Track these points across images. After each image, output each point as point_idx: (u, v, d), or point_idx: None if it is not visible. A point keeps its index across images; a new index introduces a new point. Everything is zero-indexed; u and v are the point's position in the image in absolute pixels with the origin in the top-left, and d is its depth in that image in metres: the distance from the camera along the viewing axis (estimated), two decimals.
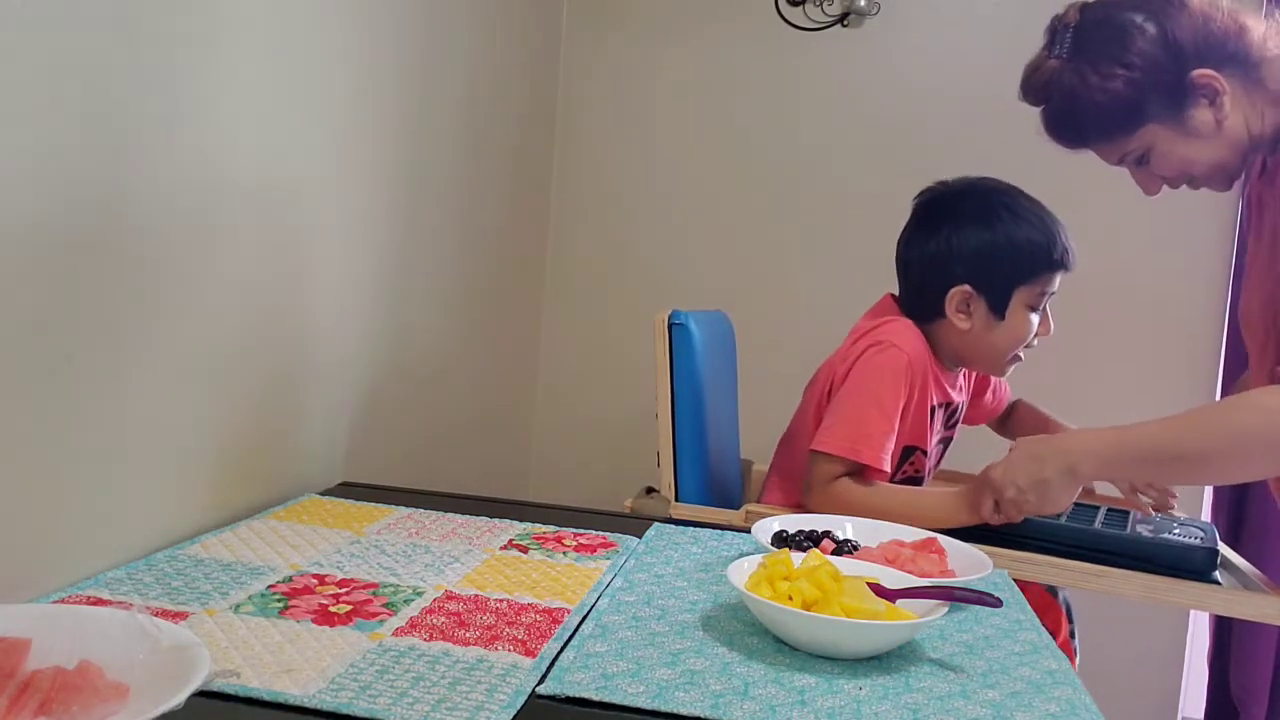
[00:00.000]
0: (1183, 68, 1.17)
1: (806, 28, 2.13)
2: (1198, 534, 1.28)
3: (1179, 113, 1.19)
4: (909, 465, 1.49)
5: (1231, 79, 1.18)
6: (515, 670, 0.76)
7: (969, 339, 1.42)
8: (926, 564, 1.02)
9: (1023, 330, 1.40)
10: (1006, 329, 1.40)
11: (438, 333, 1.69)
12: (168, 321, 1.00)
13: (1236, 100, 1.19)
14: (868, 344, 1.40)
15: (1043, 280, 1.39)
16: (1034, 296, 1.40)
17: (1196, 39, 1.17)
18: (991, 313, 1.40)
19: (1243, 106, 1.19)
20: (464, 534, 1.14)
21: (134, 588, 0.88)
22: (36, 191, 0.83)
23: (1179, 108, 1.19)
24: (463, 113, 1.70)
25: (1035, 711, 0.76)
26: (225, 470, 1.12)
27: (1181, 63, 1.17)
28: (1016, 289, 1.39)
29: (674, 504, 1.47)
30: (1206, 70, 1.17)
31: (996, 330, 1.40)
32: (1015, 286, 1.39)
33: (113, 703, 0.61)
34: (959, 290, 1.39)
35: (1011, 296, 1.39)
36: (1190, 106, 1.19)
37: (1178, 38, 1.17)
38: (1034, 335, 1.42)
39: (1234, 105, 1.18)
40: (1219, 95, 1.17)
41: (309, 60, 1.21)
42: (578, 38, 2.23)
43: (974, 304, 1.40)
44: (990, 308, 1.39)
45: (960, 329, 1.41)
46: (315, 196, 1.26)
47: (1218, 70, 1.17)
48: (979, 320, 1.40)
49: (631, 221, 2.23)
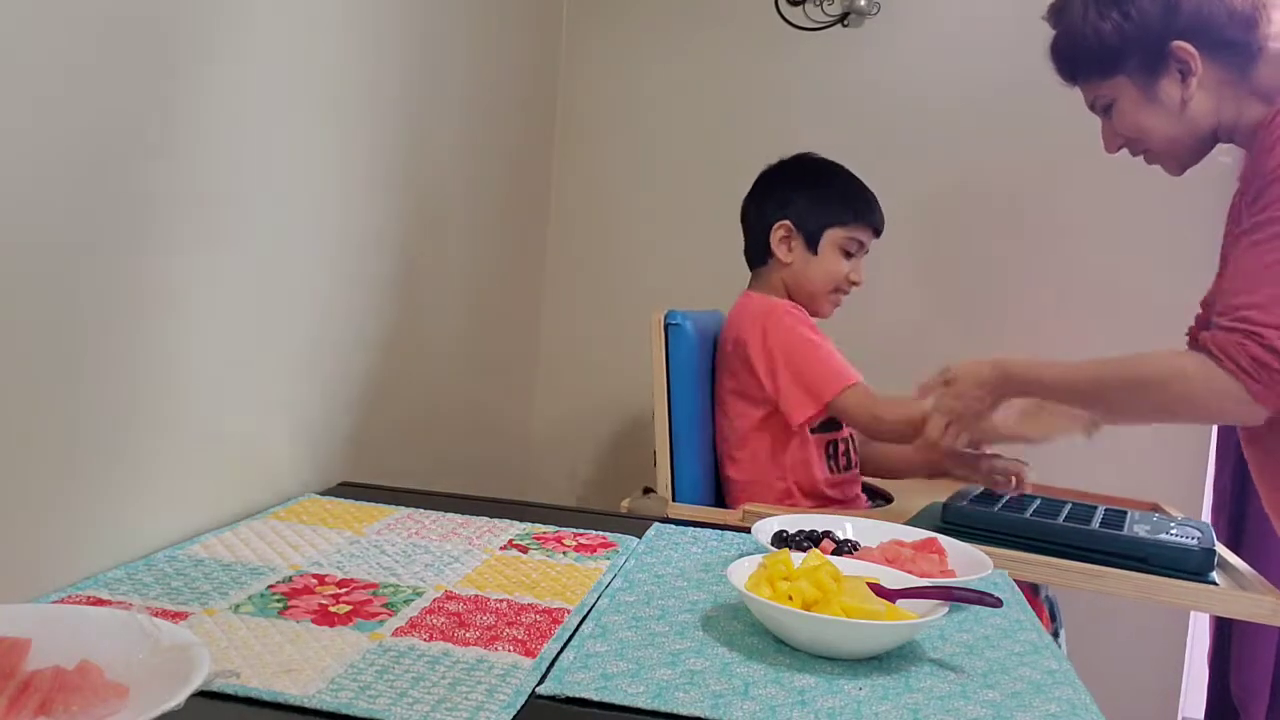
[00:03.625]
0: (1169, 34, 1.19)
1: (806, 28, 2.13)
2: (1194, 534, 1.28)
3: (1150, 76, 1.22)
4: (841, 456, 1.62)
5: (1218, 65, 1.19)
6: (515, 670, 0.76)
7: (792, 272, 1.63)
8: (926, 564, 1.02)
9: (835, 268, 1.61)
10: (821, 264, 1.61)
11: (438, 332, 1.69)
12: (167, 321, 1.00)
13: (1213, 86, 1.20)
14: (762, 322, 1.56)
15: (852, 229, 1.61)
16: (845, 240, 1.61)
17: (1198, 13, 1.18)
18: (807, 248, 1.61)
19: (1218, 94, 1.20)
20: (464, 534, 1.14)
21: (134, 588, 0.88)
22: (36, 193, 0.83)
23: (1151, 71, 1.22)
24: (463, 113, 1.70)
25: (1035, 712, 0.76)
26: (225, 470, 1.12)
27: (1169, 29, 1.19)
28: (827, 229, 1.60)
29: (671, 504, 1.47)
30: (1187, 45, 1.18)
31: (812, 264, 1.61)
32: (826, 227, 1.60)
33: (112, 703, 0.61)
34: (780, 225, 1.61)
35: (823, 235, 1.60)
36: (1162, 74, 1.21)
37: (1178, 3, 1.18)
38: (848, 279, 1.62)
39: (1206, 90, 1.20)
40: (1190, 74, 1.19)
41: (308, 60, 1.21)
42: (578, 38, 2.23)
43: (793, 240, 1.62)
44: (806, 243, 1.61)
45: (784, 262, 1.62)
46: (315, 196, 1.25)
47: (1204, 51, 1.18)
48: (798, 254, 1.62)
49: (631, 221, 2.23)
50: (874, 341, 2.10)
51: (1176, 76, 1.20)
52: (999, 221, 2.07)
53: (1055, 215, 2.03)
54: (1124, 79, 1.24)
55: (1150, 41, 1.20)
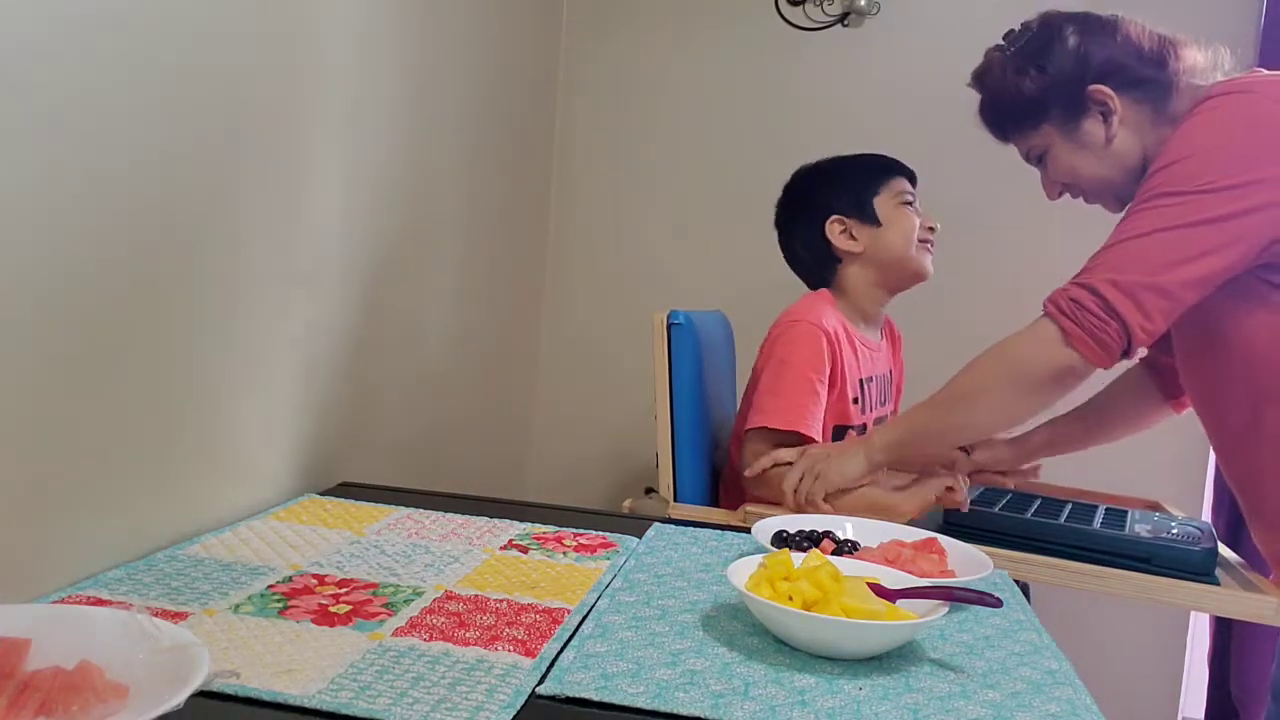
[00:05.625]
0: (1083, 80, 1.27)
1: (807, 28, 2.13)
2: (1196, 534, 1.28)
3: (1073, 121, 1.29)
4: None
5: (1135, 102, 1.26)
6: (515, 670, 0.76)
7: (870, 255, 1.56)
8: (926, 564, 1.02)
9: (906, 221, 1.56)
10: (890, 228, 1.55)
11: (438, 332, 1.69)
12: (167, 321, 1.00)
13: (1134, 123, 1.27)
14: (780, 328, 1.52)
15: (891, 185, 1.57)
16: (895, 197, 1.56)
17: (1109, 59, 1.26)
18: (868, 225, 1.56)
19: (1141, 130, 1.27)
20: (464, 534, 1.14)
21: (134, 588, 0.88)
22: (36, 194, 0.83)
23: (1074, 117, 1.29)
24: (463, 113, 1.70)
25: (1035, 712, 0.76)
26: (225, 470, 1.12)
27: (1083, 76, 1.27)
28: (873, 199, 1.56)
29: (672, 504, 1.47)
30: (1103, 87, 1.26)
31: (882, 234, 1.55)
32: (871, 197, 1.56)
33: (112, 703, 0.61)
34: (833, 222, 1.56)
35: (873, 204, 1.56)
36: (1084, 118, 1.28)
37: (1089, 53, 1.27)
38: (924, 226, 1.58)
39: (1129, 127, 1.27)
40: (1111, 114, 1.26)
41: (307, 60, 1.21)
42: (578, 38, 2.23)
43: (850, 226, 1.56)
44: (864, 221, 1.56)
45: (857, 253, 1.56)
46: (314, 196, 1.25)
47: (1120, 91, 1.26)
48: (864, 235, 1.56)
49: (631, 221, 2.23)
50: None
51: (1098, 118, 1.27)
52: (999, 221, 2.07)
53: (1056, 215, 2.03)
54: (1049, 127, 1.31)
55: (1068, 90, 1.28)
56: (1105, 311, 1.14)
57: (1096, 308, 1.15)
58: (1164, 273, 1.12)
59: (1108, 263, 1.16)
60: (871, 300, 1.60)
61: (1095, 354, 1.16)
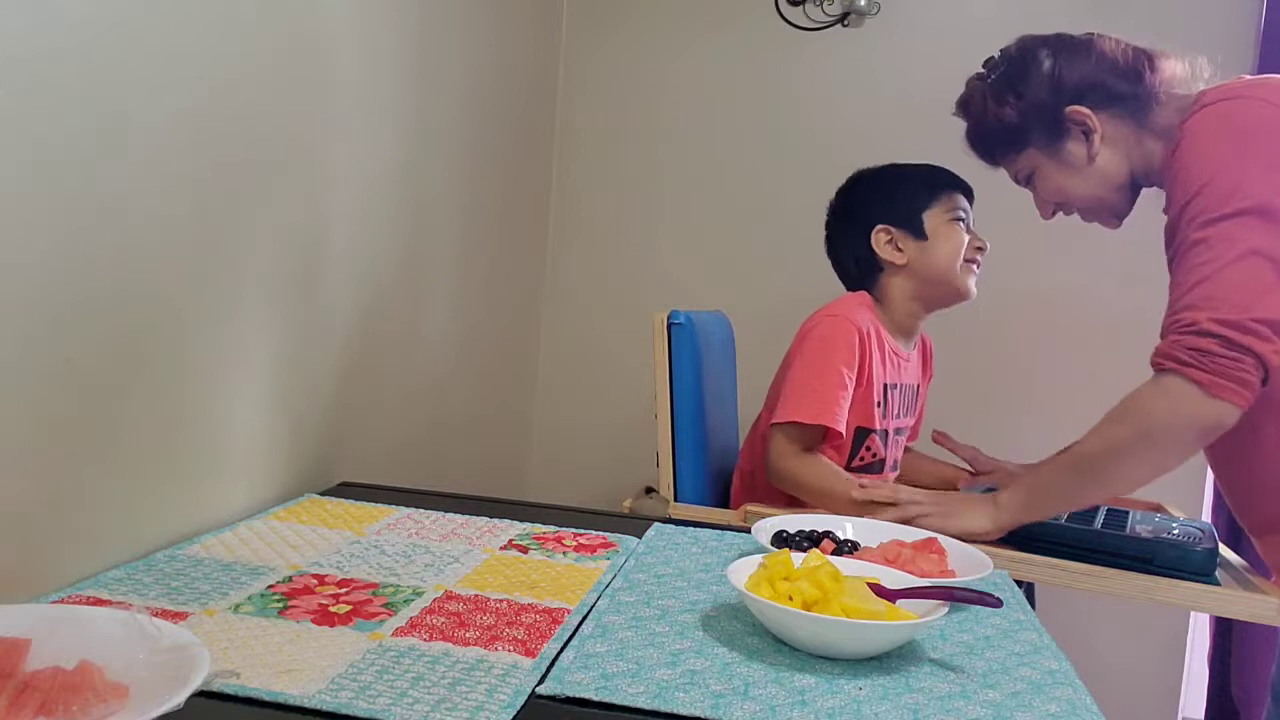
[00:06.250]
0: (1060, 103, 1.29)
1: (807, 28, 2.13)
2: (1197, 534, 1.28)
3: (1055, 143, 1.31)
4: (865, 451, 1.54)
5: (1117, 119, 1.28)
6: (515, 670, 0.76)
7: (914, 270, 1.55)
8: (926, 564, 1.02)
9: (954, 239, 1.54)
10: (937, 244, 1.54)
11: (438, 332, 1.69)
12: (167, 321, 1.00)
13: (1116, 139, 1.29)
14: (815, 320, 1.52)
15: (944, 199, 1.55)
16: (948, 213, 1.55)
17: (1084, 79, 1.28)
18: (914, 238, 1.54)
19: (1123, 144, 1.29)
20: (464, 534, 1.14)
21: (134, 588, 0.88)
22: (36, 195, 0.83)
23: (1055, 139, 1.31)
24: (462, 113, 1.70)
25: (1036, 712, 0.76)
26: (225, 470, 1.12)
27: (1060, 98, 1.29)
28: (923, 212, 1.54)
29: (672, 504, 1.47)
30: (1080, 108, 1.28)
31: (928, 249, 1.54)
32: (921, 210, 1.54)
33: (112, 703, 0.61)
34: (879, 231, 1.55)
35: (922, 218, 1.54)
36: (1065, 139, 1.30)
37: (1063, 76, 1.29)
38: (973, 246, 1.56)
39: (1112, 144, 1.29)
40: (1092, 132, 1.28)
41: (307, 60, 1.21)
42: (578, 38, 2.23)
43: (897, 237, 1.55)
44: (911, 234, 1.54)
45: (900, 265, 1.55)
46: (314, 196, 1.25)
47: (1099, 109, 1.27)
48: (910, 248, 1.54)
49: (631, 221, 2.23)
50: None
51: (1080, 137, 1.29)
52: (1000, 222, 2.07)
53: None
54: (1033, 150, 1.33)
55: (1046, 113, 1.30)
56: (1233, 349, 1.10)
57: (1222, 349, 1.10)
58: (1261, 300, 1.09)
59: (1202, 301, 1.12)
60: (909, 313, 1.58)
61: (1241, 396, 1.11)
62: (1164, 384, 1.14)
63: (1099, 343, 2.03)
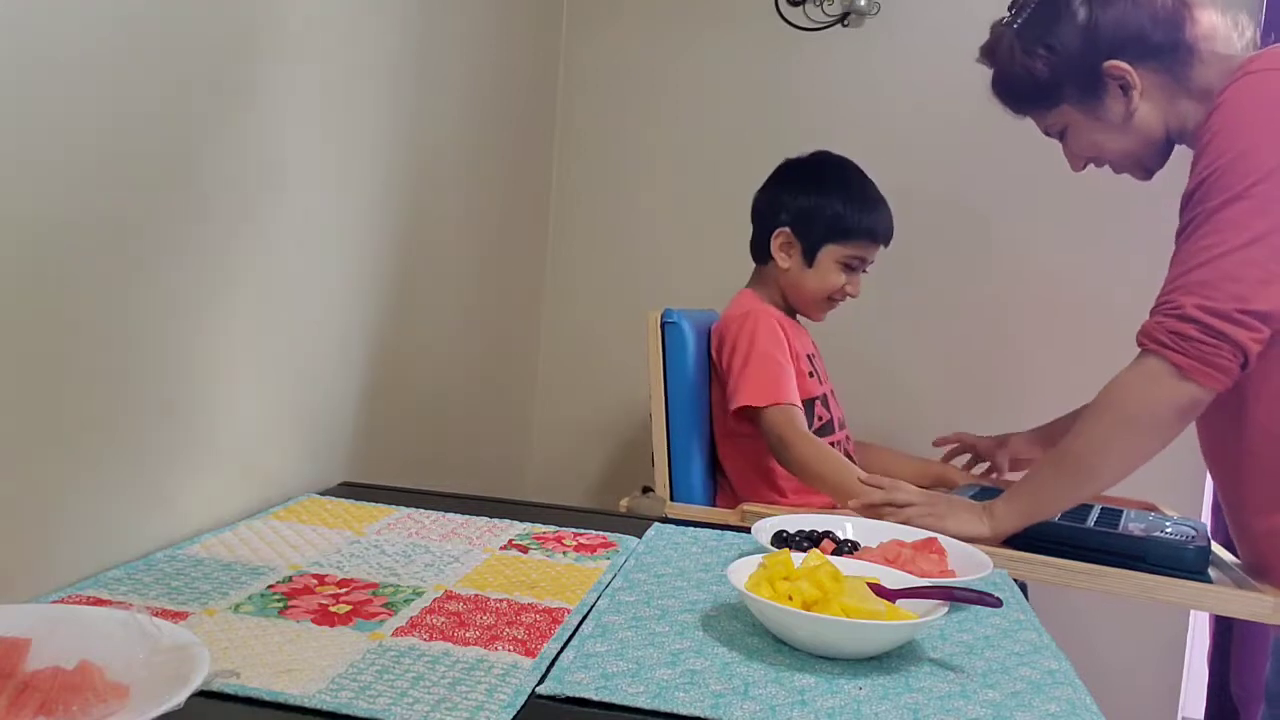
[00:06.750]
0: (1098, 57, 1.22)
1: (807, 27, 2.13)
2: (1189, 532, 1.28)
3: (1092, 99, 1.25)
4: (817, 419, 1.61)
5: (1155, 73, 1.22)
6: (515, 670, 0.76)
7: (789, 279, 1.65)
8: (926, 564, 1.02)
9: (831, 280, 1.63)
10: (816, 276, 1.63)
11: (438, 332, 1.69)
12: (166, 323, 1.00)
13: (1154, 94, 1.23)
14: (734, 322, 1.58)
15: (854, 245, 1.61)
16: (845, 256, 1.62)
17: (1121, 29, 1.21)
18: (804, 259, 1.62)
19: (1162, 100, 1.23)
20: (464, 534, 1.14)
21: (134, 588, 0.88)
22: (35, 195, 0.83)
23: (1092, 94, 1.24)
24: (463, 113, 1.70)
25: (1035, 711, 0.76)
26: (225, 470, 1.12)
27: (1097, 51, 1.22)
28: (826, 244, 1.61)
29: (669, 503, 1.47)
30: (1119, 62, 1.21)
31: (808, 275, 1.63)
32: (825, 242, 1.61)
33: (112, 703, 0.61)
34: (782, 232, 1.63)
35: (821, 249, 1.61)
36: (1103, 95, 1.24)
37: (1100, 26, 1.21)
38: (843, 290, 1.64)
39: (1150, 100, 1.23)
40: (1131, 88, 1.22)
41: (307, 61, 1.21)
42: (577, 38, 2.23)
43: (791, 249, 1.63)
44: (803, 254, 1.62)
45: (782, 268, 1.64)
46: (314, 196, 1.25)
47: (1137, 63, 1.21)
48: (795, 263, 1.64)
49: (630, 221, 2.23)
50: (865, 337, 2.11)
51: (1118, 93, 1.23)
52: (996, 220, 2.07)
53: (1052, 213, 2.03)
54: (1067, 107, 1.28)
55: (1082, 69, 1.23)
56: (1212, 336, 1.10)
57: (1201, 334, 1.10)
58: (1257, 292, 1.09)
59: (1195, 286, 1.11)
60: (783, 298, 1.68)
61: (1215, 379, 1.11)
62: (1142, 366, 1.17)
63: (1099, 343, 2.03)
